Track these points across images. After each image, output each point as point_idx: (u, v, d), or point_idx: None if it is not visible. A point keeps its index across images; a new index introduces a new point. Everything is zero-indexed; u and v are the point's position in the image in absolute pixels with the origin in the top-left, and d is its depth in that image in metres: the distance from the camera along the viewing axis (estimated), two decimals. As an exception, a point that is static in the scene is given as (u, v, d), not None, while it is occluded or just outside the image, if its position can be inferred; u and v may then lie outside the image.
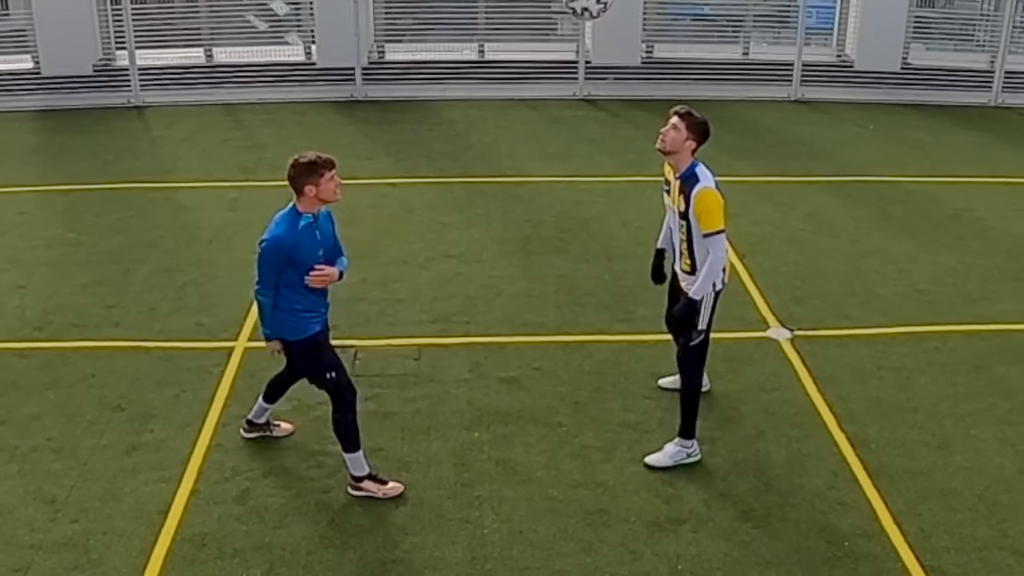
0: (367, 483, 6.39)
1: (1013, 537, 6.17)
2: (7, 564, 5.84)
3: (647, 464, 6.81)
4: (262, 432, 6.94)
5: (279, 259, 5.95)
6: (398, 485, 6.46)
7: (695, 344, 6.71)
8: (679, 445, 6.81)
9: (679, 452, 6.80)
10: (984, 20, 17.96)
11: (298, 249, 5.96)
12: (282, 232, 5.95)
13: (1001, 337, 8.54)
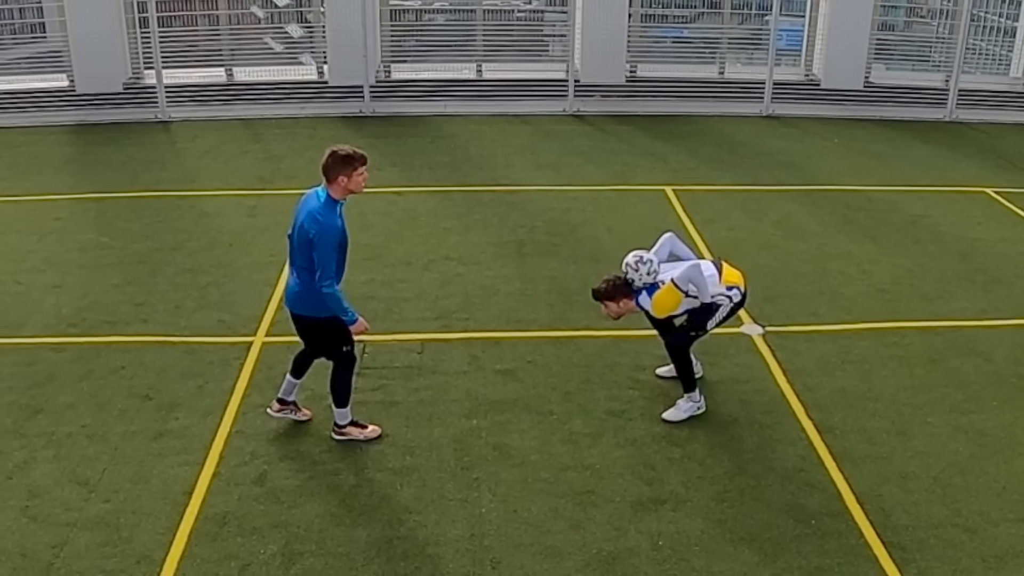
0: (349, 428, 6.74)
1: (966, 516, 6.19)
2: (45, 540, 5.85)
3: (664, 419, 7.10)
4: (289, 411, 6.94)
5: (336, 243, 6.12)
6: (376, 428, 6.83)
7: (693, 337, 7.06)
8: (688, 400, 7.11)
9: (690, 405, 7.11)
10: (939, 43, 17.99)
11: (344, 231, 6.24)
12: (331, 219, 6.11)
13: (955, 333, 8.56)
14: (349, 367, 6.64)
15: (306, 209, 6.20)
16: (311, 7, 17.19)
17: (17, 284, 9.23)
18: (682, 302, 6.80)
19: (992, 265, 10.00)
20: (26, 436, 6.86)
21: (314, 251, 6.07)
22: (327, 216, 6.10)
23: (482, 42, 16.68)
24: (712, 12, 18.01)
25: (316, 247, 6.06)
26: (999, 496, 6.39)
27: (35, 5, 16.54)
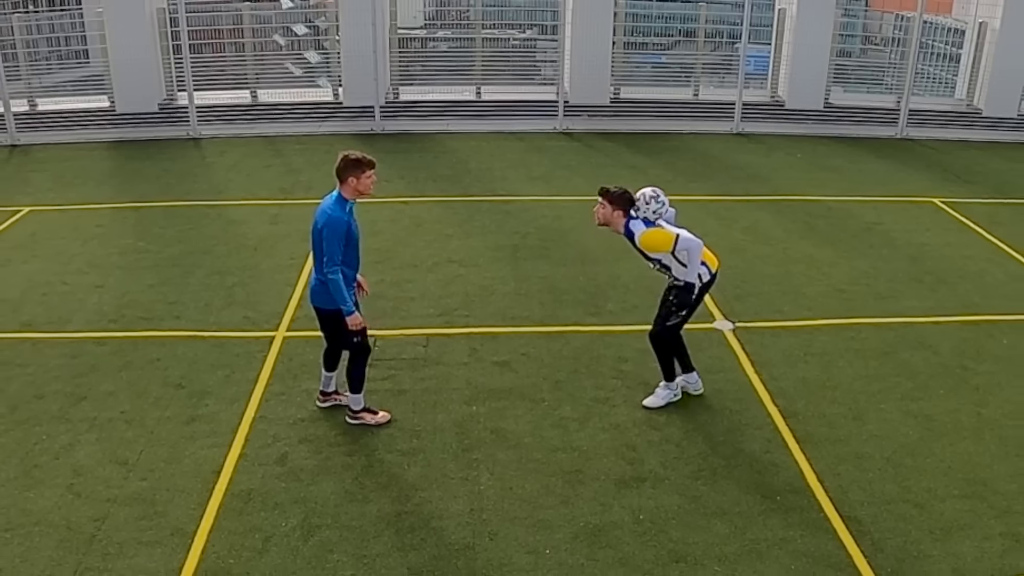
0: (363, 413, 6.77)
1: (915, 492, 6.21)
2: (88, 515, 5.85)
3: (644, 406, 7.10)
4: (333, 400, 6.99)
5: (340, 233, 6.16)
6: (386, 414, 6.85)
7: (672, 325, 6.96)
8: (666, 388, 7.12)
9: (667, 392, 7.12)
10: (891, 67, 18.03)
11: (350, 226, 6.27)
12: (338, 213, 6.20)
13: (905, 328, 8.58)
14: (363, 356, 6.65)
15: (320, 208, 6.33)
16: (327, 35, 17.18)
17: (63, 284, 9.22)
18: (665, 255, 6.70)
19: (939, 267, 10.02)
20: (71, 421, 6.87)
21: (323, 242, 6.19)
22: (335, 211, 6.21)
23: (481, 67, 16.68)
24: (687, 40, 18.06)
25: (324, 238, 6.17)
26: (945, 475, 6.41)
27: (79, 34, 16.54)
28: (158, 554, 5.53)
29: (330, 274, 6.20)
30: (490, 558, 5.56)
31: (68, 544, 5.60)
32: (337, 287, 6.22)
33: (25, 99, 15.44)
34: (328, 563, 5.50)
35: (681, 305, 6.85)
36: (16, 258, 9.88)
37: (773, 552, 5.63)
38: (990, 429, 6.98)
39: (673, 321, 6.94)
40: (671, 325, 6.97)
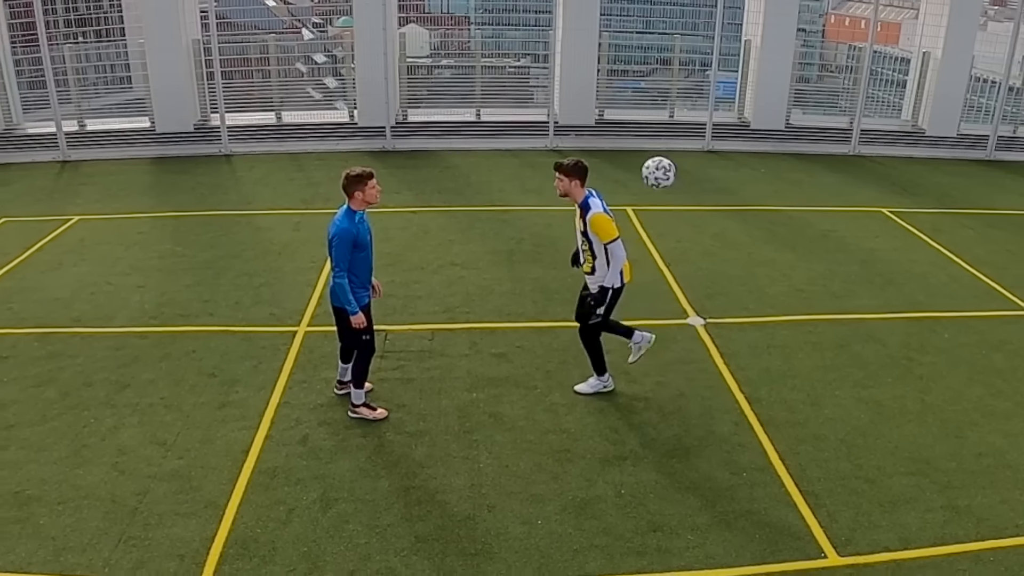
0: (362, 408, 6.72)
1: (866, 469, 6.24)
2: (131, 489, 5.85)
3: (575, 391, 7.14)
4: (347, 388, 6.93)
5: (348, 243, 6.18)
6: (384, 411, 6.79)
7: (593, 324, 6.88)
8: (598, 380, 7.13)
9: (597, 383, 7.13)
10: (845, 92, 18.06)
11: (359, 236, 6.26)
12: (346, 224, 6.22)
13: (857, 324, 8.60)
14: (367, 354, 6.64)
15: (332, 220, 6.36)
16: (344, 63, 17.16)
17: (109, 284, 9.21)
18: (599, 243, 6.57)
19: (887, 270, 10.03)
20: (116, 406, 6.87)
21: (332, 250, 6.24)
22: (343, 223, 6.24)
23: (480, 91, 16.67)
24: (664, 67, 18.09)
25: (334, 246, 6.22)
26: (892, 454, 6.43)
27: (124, 62, 16.54)
28: (193, 525, 5.54)
29: (337, 279, 6.25)
30: (488, 528, 5.57)
31: (113, 516, 5.61)
32: (343, 290, 6.25)
33: (75, 120, 15.42)
34: (344, 532, 5.51)
35: (597, 304, 6.72)
36: (67, 261, 9.87)
37: (740, 523, 5.65)
38: (932, 413, 7.01)
39: (593, 320, 6.84)
40: (592, 324, 6.89)
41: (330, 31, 36.09)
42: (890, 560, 5.36)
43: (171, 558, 5.26)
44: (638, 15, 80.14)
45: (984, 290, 9.57)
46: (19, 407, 6.85)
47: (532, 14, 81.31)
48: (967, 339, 8.32)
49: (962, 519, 5.73)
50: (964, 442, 6.61)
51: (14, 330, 8.15)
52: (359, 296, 6.39)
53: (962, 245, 10.92)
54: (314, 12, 55.02)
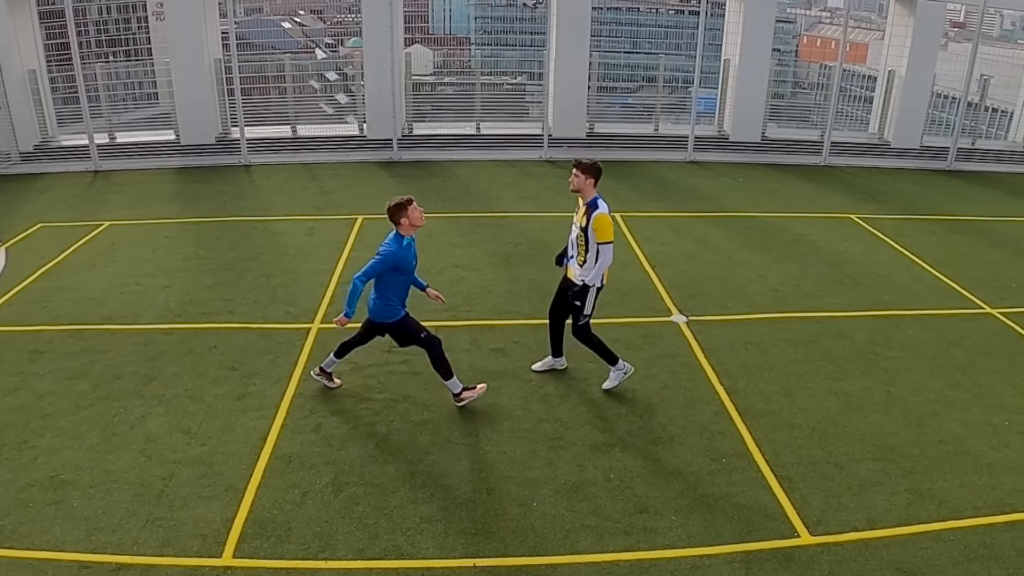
0: (464, 393, 6.66)
1: (836, 456, 6.25)
2: (157, 474, 5.85)
3: (604, 389, 7.05)
4: (325, 381, 6.93)
5: (389, 264, 6.14)
6: (483, 385, 6.81)
7: (583, 324, 6.85)
8: (616, 370, 7.05)
9: (618, 373, 7.05)
10: (816, 107, 18.07)
11: (403, 260, 6.22)
12: (394, 248, 6.18)
13: (828, 321, 8.61)
14: (436, 348, 6.56)
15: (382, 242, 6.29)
16: (354, 81, 17.16)
17: (137, 285, 9.20)
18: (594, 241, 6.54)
19: (855, 271, 10.04)
20: (143, 397, 6.86)
21: (372, 261, 6.16)
22: (391, 246, 6.19)
23: (480, 106, 16.67)
24: (649, 84, 18.11)
25: (375, 260, 6.16)
26: (860, 441, 6.45)
27: (151, 79, 16.52)
28: (215, 506, 5.54)
29: (357, 280, 6.16)
30: (487, 509, 5.57)
31: (141, 498, 5.61)
32: (354, 292, 6.16)
33: (106, 133, 15.41)
34: (355, 514, 5.50)
35: (579, 301, 6.70)
36: (98, 263, 9.86)
37: (719, 504, 5.66)
38: (897, 404, 7.02)
39: (582, 321, 6.82)
40: (582, 324, 6.86)
41: (341, 51, 36.05)
42: (858, 539, 5.37)
43: (194, 537, 5.26)
44: (626, 36, 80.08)
45: (944, 290, 9.58)
46: (54, 398, 6.85)
47: (528, 35, 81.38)
48: (929, 335, 8.34)
49: (924, 501, 5.74)
50: (926, 430, 6.63)
51: (50, 327, 8.14)
52: (395, 310, 6.38)
53: (924, 248, 10.93)
54: (327, 34, 55.05)
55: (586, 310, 6.77)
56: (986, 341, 8.25)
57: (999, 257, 10.79)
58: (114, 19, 20.39)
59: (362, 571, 5.05)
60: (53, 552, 5.12)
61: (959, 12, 19.05)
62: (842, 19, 16.19)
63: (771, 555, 5.22)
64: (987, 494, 5.84)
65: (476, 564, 5.11)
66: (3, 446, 6.19)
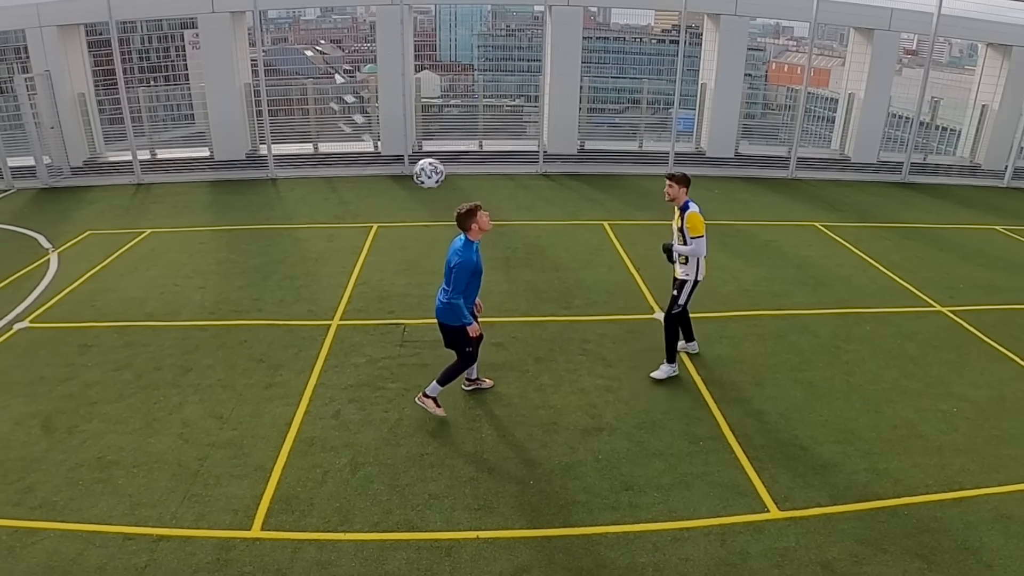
0: (428, 400, 6.34)
1: (801, 439, 6.24)
2: (193, 455, 5.85)
3: (652, 377, 7.06)
4: (476, 384, 6.75)
5: (468, 271, 5.85)
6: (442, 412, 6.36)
7: (675, 313, 6.97)
8: (668, 365, 7.08)
9: (669, 368, 7.08)
10: (784, 126, 18.09)
11: (478, 264, 5.97)
12: (468, 254, 5.86)
13: (794, 318, 8.60)
14: (466, 363, 6.33)
15: (452, 248, 5.98)
16: (369, 103, 17.15)
17: (175, 286, 9.20)
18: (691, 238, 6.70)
19: (819, 273, 10.04)
20: (181, 386, 6.86)
21: (452, 275, 5.86)
22: (465, 253, 5.86)
23: (482, 126, 16.69)
24: (634, 106, 18.11)
25: (455, 273, 5.84)
26: (823, 426, 6.44)
27: (187, 102, 16.57)
28: (245, 484, 5.53)
29: (453, 300, 5.87)
30: (489, 487, 5.57)
31: (179, 477, 5.61)
32: (460, 309, 5.92)
33: (147, 150, 15.42)
34: (370, 491, 5.50)
35: (679, 293, 6.90)
36: (141, 267, 9.86)
37: (697, 483, 5.65)
38: (856, 392, 7.02)
39: (675, 310, 6.97)
40: (674, 313, 6.98)
41: (358, 76, 35.88)
42: (822, 514, 5.37)
43: (227, 512, 5.26)
44: (613, 63, 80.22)
45: (899, 290, 9.58)
46: (101, 387, 6.85)
47: (525, 62, 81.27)
48: (885, 330, 8.33)
49: (881, 480, 5.74)
50: (882, 416, 6.62)
51: (97, 324, 8.14)
52: (465, 315, 6.06)
53: (880, 253, 10.93)
54: (345, 61, 54.79)
55: (680, 300, 6.90)
56: (936, 336, 8.25)
57: (947, 261, 10.80)
58: (155, 48, 20.48)
59: (377, 543, 5.06)
60: (100, 525, 5.13)
61: (912, 41, 19.08)
62: (807, 47, 16.18)
63: (744, 528, 5.22)
64: (937, 473, 5.84)
65: (479, 536, 5.11)
66: (56, 430, 6.19)
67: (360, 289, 9.06)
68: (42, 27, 14.31)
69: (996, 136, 16.57)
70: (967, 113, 17.46)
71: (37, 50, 14.42)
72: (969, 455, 6.08)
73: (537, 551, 5.00)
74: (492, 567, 4.87)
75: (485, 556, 4.96)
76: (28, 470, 5.68)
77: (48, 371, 7.13)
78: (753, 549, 5.04)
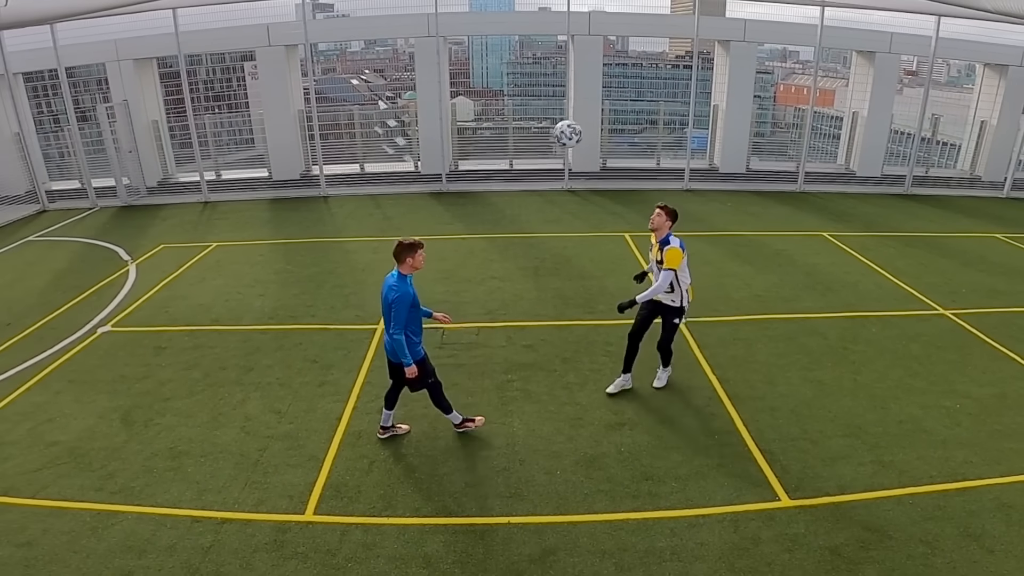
0: (465, 423, 6.12)
1: (811, 433, 6.14)
2: (254, 446, 5.94)
3: (654, 387, 6.81)
4: (391, 432, 6.09)
5: (407, 305, 5.44)
6: (482, 417, 6.22)
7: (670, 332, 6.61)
8: (665, 370, 6.89)
9: (668, 372, 6.89)
10: (792, 143, 17.87)
11: (415, 296, 5.55)
12: (405, 290, 5.45)
13: (803, 321, 8.47)
14: (438, 390, 5.92)
15: (387, 285, 5.55)
16: (410, 127, 17.33)
17: (239, 293, 9.36)
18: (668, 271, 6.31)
19: (826, 279, 9.87)
20: (243, 384, 6.97)
21: (391, 311, 5.44)
22: (401, 287, 5.44)
23: (512, 146, 16.74)
24: (652, 126, 18.02)
25: (394, 309, 5.41)
26: (831, 421, 6.33)
27: (248, 127, 16.90)
28: (300, 472, 5.61)
29: (395, 335, 5.43)
30: (520, 477, 5.57)
31: (241, 466, 5.70)
32: (401, 346, 5.43)
33: (213, 171, 15.74)
34: (412, 479, 5.54)
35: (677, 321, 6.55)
36: (208, 276, 10.05)
37: (712, 474, 5.59)
38: (863, 390, 6.88)
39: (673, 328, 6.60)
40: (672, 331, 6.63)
41: (399, 102, 36.20)
42: (830, 503, 5.27)
43: (283, 498, 5.33)
44: (632, 87, 79.88)
45: (903, 295, 9.38)
46: (173, 384, 7.00)
47: (551, 87, 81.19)
48: (890, 332, 8.16)
49: (887, 471, 5.62)
50: (888, 412, 6.49)
51: (169, 328, 8.32)
52: (416, 350, 5.60)
53: (885, 260, 10.71)
54: (387, 88, 55.29)
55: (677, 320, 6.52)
56: (939, 337, 8.06)
57: (950, 267, 10.54)
58: (219, 78, 20.96)
59: (417, 527, 5.09)
60: (171, 508, 5.24)
61: (912, 62, 18.69)
62: (812, 70, 15.96)
63: (756, 515, 5.15)
64: (941, 465, 5.70)
65: (510, 521, 5.12)
66: (134, 423, 6.34)
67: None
68: (120, 61, 14.73)
69: (995, 149, 16.15)
70: (967, 128, 17.05)
71: (116, 81, 14.84)
72: (972, 448, 5.92)
73: (563, 536, 4.99)
74: (522, 550, 4.87)
75: (515, 540, 4.96)
76: (109, 459, 5.83)
77: (127, 370, 7.30)
78: (765, 535, 4.97)
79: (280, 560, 4.79)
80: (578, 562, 4.76)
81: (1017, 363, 7.43)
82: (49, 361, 7.52)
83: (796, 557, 4.79)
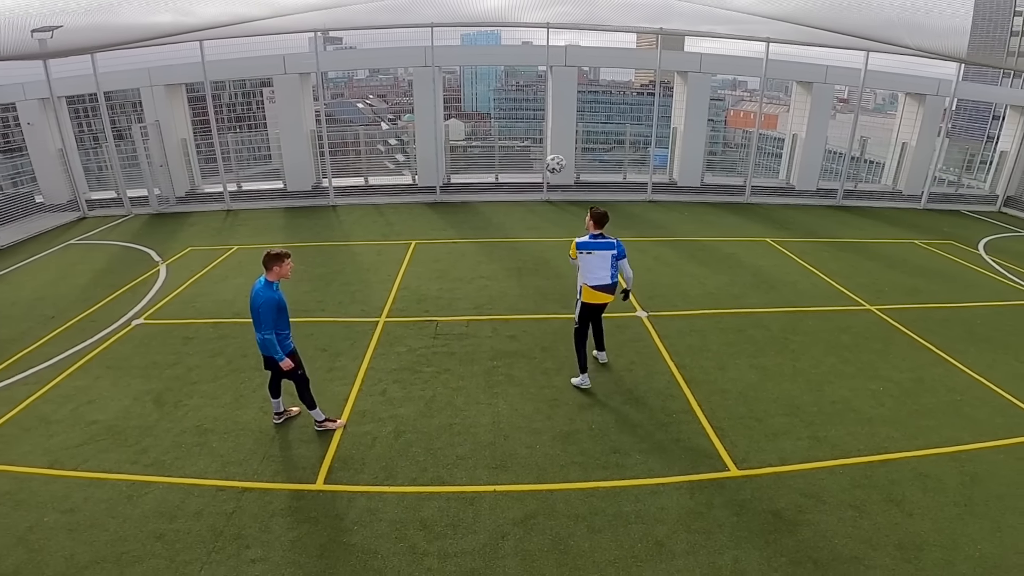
0: (325, 422, 5.81)
1: (756, 412, 6.19)
2: (271, 424, 5.87)
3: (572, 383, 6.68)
4: (285, 416, 5.92)
5: (274, 308, 5.27)
6: (342, 421, 5.86)
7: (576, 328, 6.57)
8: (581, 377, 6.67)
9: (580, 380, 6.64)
10: (740, 160, 17.99)
11: (280, 301, 5.36)
12: (271, 294, 5.30)
13: (750, 315, 8.53)
14: (305, 384, 5.63)
15: (254, 291, 5.36)
16: (409, 145, 17.23)
17: (256, 291, 9.26)
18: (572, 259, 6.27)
19: (770, 279, 9.95)
20: (261, 370, 6.83)
21: (260, 314, 5.25)
22: (267, 293, 5.27)
23: (499, 161, 16.70)
24: (619, 145, 18.04)
25: (261, 312, 5.24)
26: (774, 402, 6.39)
27: (266, 145, 16.71)
28: (312, 447, 5.58)
29: (266, 336, 5.24)
30: (504, 450, 5.57)
31: (260, 441, 5.65)
32: (272, 344, 5.26)
33: (235, 183, 15.56)
34: (409, 453, 5.53)
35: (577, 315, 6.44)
36: (231, 275, 9.94)
37: (671, 447, 5.63)
38: (801, 375, 6.96)
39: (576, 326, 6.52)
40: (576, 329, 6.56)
41: (399, 124, 35.94)
42: (772, 472, 5.33)
43: (297, 469, 5.30)
44: (603, 111, 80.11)
45: (836, 293, 9.49)
46: (200, 370, 6.92)
47: (532, 111, 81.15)
48: (824, 325, 8.26)
49: (821, 445, 5.70)
50: (822, 394, 6.57)
51: (196, 320, 8.23)
52: (285, 345, 5.42)
53: (820, 263, 10.83)
54: (389, 112, 54.95)
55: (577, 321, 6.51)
56: (867, 329, 8.17)
57: (875, 269, 10.67)
58: (240, 102, 20.78)
59: (414, 494, 5.08)
60: (198, 479, 5.20)
61: (844, 91, 18.90)
62: (758, 97, 16.08)
63: (709, 484, 5.20)
64: (867, 440, 5.78)
65: (496, 489, 5.12)
66: (165, 404, 6.26)
67: (402, 293, 9.10)
68: (152, 86, 14.53)
69: (914, 167, 16.41)
70: (890, 149, 17.29)
71: (149, 104, 14.63)
72: (894, 425, 6.02)
73: (542, 501, 5.00)
74: (506, 514, 4.88)
75: (500, 505, 4.97)
76: (143, 436, 5.76)
77: (159, 358, 7.21)
78: (716, 501, 5.01)
79: (295, 524, 4.76)
80: (555, 525, 4.78)
81: (933, 352, 7.56)
82: (89, 349, 7.40)
83: (743, 520, 4.84)
